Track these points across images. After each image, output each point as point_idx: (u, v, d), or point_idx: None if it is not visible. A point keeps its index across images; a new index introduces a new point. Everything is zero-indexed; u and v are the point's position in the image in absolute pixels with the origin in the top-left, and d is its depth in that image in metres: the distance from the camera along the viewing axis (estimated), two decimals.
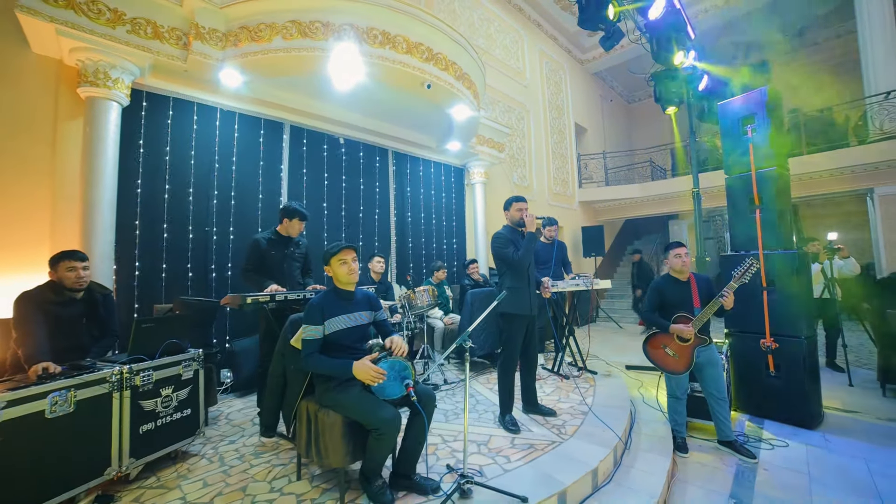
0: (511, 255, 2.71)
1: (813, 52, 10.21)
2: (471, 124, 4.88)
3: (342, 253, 2.09)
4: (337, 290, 2.12)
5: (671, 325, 2.61)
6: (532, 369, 2.96)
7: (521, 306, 2.76)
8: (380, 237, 5.20)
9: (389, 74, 3.55)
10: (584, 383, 3.69)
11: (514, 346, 2.81)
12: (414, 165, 5.76)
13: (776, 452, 2.59)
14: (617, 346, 6.02)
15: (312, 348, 1.94)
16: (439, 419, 2.90)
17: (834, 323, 4.28)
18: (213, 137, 3.82)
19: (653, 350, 2.74)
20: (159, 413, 2.12)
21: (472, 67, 4.24)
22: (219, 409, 3.23)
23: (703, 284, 2.75)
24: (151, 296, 3.31)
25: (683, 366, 2.61)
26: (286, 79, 3.69)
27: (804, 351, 2.99)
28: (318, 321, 1.97)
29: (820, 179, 7.13)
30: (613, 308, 9.12)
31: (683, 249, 2.76)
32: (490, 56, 7.44)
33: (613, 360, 4.88)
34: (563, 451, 2.34)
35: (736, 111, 3.54)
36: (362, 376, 1.85)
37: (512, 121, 7.91)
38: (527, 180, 8.19)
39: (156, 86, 3.38)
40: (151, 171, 3.40)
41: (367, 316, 2.17)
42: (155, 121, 3.45)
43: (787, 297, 3.10)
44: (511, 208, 2.88)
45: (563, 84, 10.00)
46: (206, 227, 3.69)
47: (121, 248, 3.14)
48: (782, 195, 3.26)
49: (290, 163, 4.40)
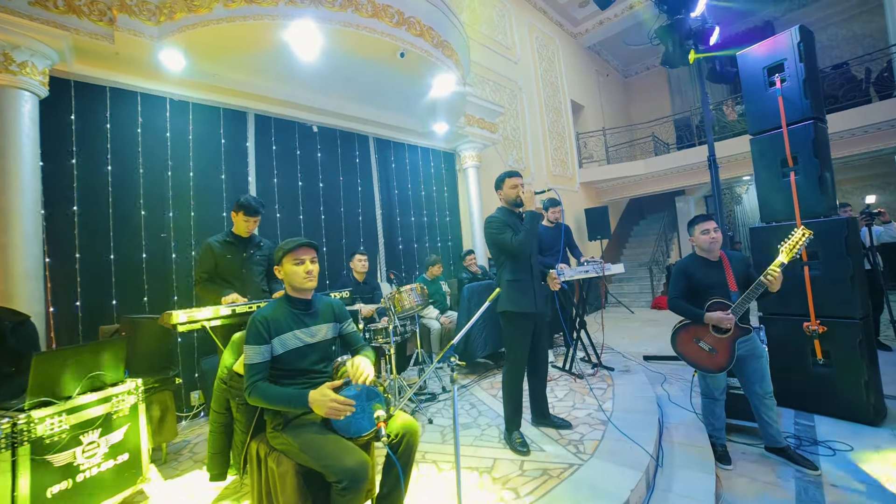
0: (509, 241, 2.26)
1: (825, 6, 9.53)
2: (457, 101, 4.39)
3: (298, 251, 1.65)
4: (290, 299, 1.69)
5: (705, 314, 2.17)
6: (542, 375, 2.53)
7: (525, 302, 2.32)
8: (365, 233, 4.75)
9: (355, 43, 3.07)
10: (600, 383, 3.26)
11: (521, 351, 2.37)
12: (399, 152, 5.28)
13: (840, 459, 2.15)
14: (631, 334, 5.58)
15: (256, 374, 1.51)
16: (434, 439, 2.48)
17: (877, 296, 3.81)
18: (164, 133, 3.36)
19: (684, 345, 2.29)
20: (79, 466, 1.71)
21: (453, 34, 3.74)
22: (185, 440, 2.83)
23: (738, 264, 2.30)
24: (100, 316, 2.89)
25: (723, 362, 2.17)
26: (240, 59, 3.22)
27: (860, 334, 2.53)
28: (263, 339, 1.55)
29: (840, 141, 6.60)
30: (623, 292, 8.67)
31: (712, 224, 2.30)
32: (476, 31, 6.90)
33: (630, 350, 4.45)
34: (583, 478, 1.91)
35: (760, 60, 3.04)
36: (321, 409, 1.42)
37: (504, 99, 7.39)
38: (523, 162, 7.69)
39: (85, 73, 2.91)
40: (89, 176, 2.95)
41: (329, 330, 1.74)
42: (89, 116, 2.99)
43: (835, 272, 2.64)
44: (504, 186, 2.43)
45: (556, 59, 9.43)
46: (161, 234, 3.26)
47: (55, 263, 2.72)
48: (822, 152, 2.78)
49: (257, 157, 3.93)
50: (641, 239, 10.56)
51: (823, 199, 2.74)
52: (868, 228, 3.75)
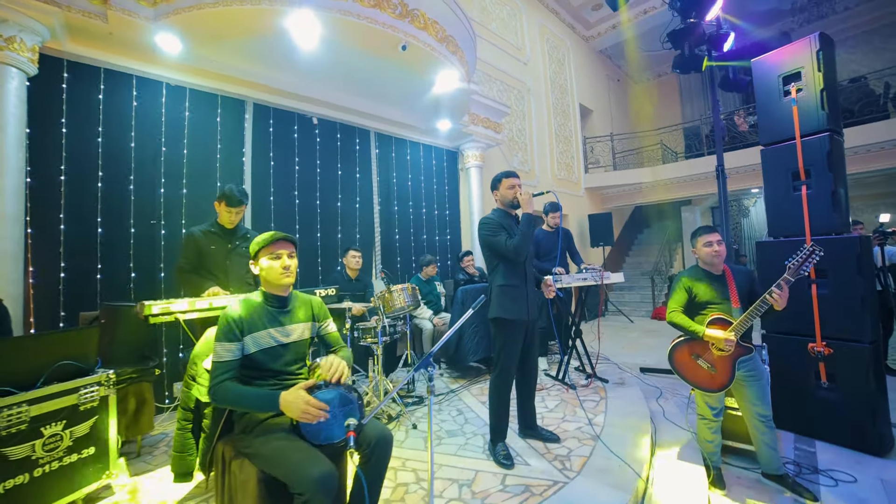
0: (504, 245, 2.17)
1: (845, 18, 9.33)
2: (461, 98, 4.30)
3: (274, 245, 1.57)
4: (265, 296, 1.60)
5: (705, 331, 2.06)
6: (531, 385, 2.43)
7: (517, 309, 2.22)
8: (361, 229, 4.66)
9: (355, 34, 2.98)
10: (593, 395, 3.15)
11: (510, 359, 2.27)
12: (400, 148, 5.19)
13: (843, 491, 2.04)
14: (629, 344, 5.46)
15: (224, 373, 1.42)
16: (417, 445, 2.39)
17: (887, 318, 3.68)
18: (159, 117, 3.29)
19: (681, 362, 2.19)
20: (39, 459, 1.63)
21: (459, 30, 3.64)
22: (164, 432, 2.76)
23: (742, 278, 2.18)
24: (82, 302, 2.83)
25: (722, 381, 2.06)
26: (238, 45, 3.14)
27: (869, 358, 2.41)
28: (235, 336, 1.46)
29: (854, 157, 6.43)
30: (623, 301, 8.53)
31: (716, 236, 2.19)
32: (485, 30, 6.80)
33: (626, 361, 4.34)
34: (568, 497, 1.81)
35: (776, 68, 2.92)
36: (294, 411, 1.33)
37: (511, 100, 7.28)
38: (528, 164, 7.58)
39: (79, 53, 2.85)
40: (79, 156, 2.89)
41: (306, 329, 1.65)
42: (81, 96, 2.92)
43: (845, 292, 2.51)
44: (500, 186, 2.33)
45: (567, 62, 9.30)
46: (151, 220, 3.19)
47: (38, 245, 2.65)
48: (837, 167, 2.66)
49: (253, 147, 3.86)
50: (645, 248, 10.41)
51: (836, 215, 2.62)
52: (881, 248, 3.62)
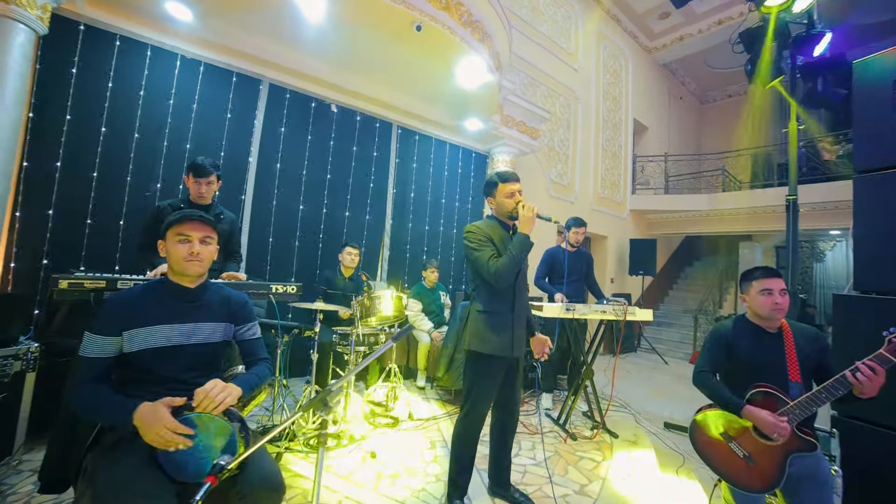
0: (485, 264, 1.74)
1: None
2: (488, 94, 3.91)
3: (184, 225, 1.29)
4: (167, 284, 1.32)
5: (745, 407, 1.51)
6: (509, 434, 1.97)
7: (498, 343, 1.78)
8: (370, 230, 4.39)
9: (365, 9, 2.70)
10: (595, 451, 2.61)
11: (482, 401, 1.83)
12: (424, 145, 4.88)
13: None
14: (657, 389, 4.72)
15: (87, 373, 1.16)
16: (366, 478, 2.02)
17: None
18: (170, 89, 3.22)
19: (707, 441, 1.64)
20: None
21: (490, 16, 3.28)
22: None
23: (807, 343, 1.60)
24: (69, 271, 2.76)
25: (766, 478, 1.50)
26: (249, 18, 3.00)
27: None
28: (111, 330, 1.19)
29: None
30: (660, 338, 7.63)
31: (778, 283, 1.62)
32: (535, 31, 6.39)
33: (650, 410, 3.68)
34: None
35: (889, 70, 2.26)
36: (146, 432, 1.03)
37: (556, 107, 6.78)
38: (567, 178, 7.01)
39: (96, 17, 2.82)
40: (81, 120, 2.85)
41: (217, 331, 1.35)
42: (94, 61, 2.89)
43: None
44: (497, 192, 1.91)
45: (624, 73, 8.62)
46: (146, 193, 3.11)
47: (26, 220, 2.61)
48: None
49: (263, 131, 3.72)
50: (692, 283, 9.37)
51: None
52: None
